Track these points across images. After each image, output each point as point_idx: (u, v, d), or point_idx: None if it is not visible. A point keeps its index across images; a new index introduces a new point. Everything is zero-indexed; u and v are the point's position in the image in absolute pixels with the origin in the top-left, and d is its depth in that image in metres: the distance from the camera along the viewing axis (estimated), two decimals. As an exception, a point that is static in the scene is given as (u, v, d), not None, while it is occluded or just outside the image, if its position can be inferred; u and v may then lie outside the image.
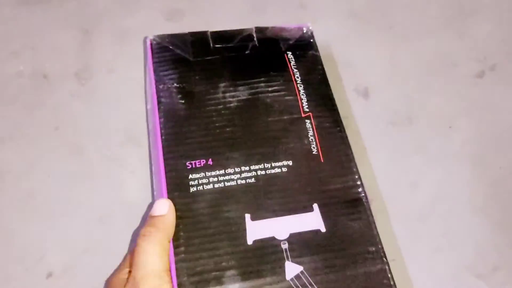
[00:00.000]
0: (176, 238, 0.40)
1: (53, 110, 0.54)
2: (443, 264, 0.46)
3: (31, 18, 0.60)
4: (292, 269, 0.40)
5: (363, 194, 0.44)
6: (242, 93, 0.48)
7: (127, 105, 0.54)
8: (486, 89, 0.56)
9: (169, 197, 0.42)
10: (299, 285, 0.39)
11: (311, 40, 0.53)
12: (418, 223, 0.48)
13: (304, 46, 0.52)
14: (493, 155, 0.52)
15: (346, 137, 0.47)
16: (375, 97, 0.55)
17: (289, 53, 0.51)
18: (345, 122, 0.50)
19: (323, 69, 0.51)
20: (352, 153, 0.46)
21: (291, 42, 0.52)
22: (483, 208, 0.49)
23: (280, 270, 0.39)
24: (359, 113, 0.54)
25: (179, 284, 0.39)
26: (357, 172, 0.45)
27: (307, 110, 0.48)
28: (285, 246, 0.41)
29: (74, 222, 0.48)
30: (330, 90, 0.50)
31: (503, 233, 0.48)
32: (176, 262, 0.39)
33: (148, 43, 0.51)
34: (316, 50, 0.52)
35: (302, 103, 0.48)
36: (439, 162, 0.51)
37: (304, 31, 0.53)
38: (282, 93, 0.49)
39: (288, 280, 0.39)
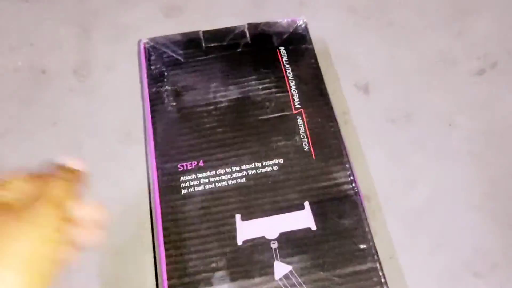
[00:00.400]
0: (167, 240, 0.41)
1: (51, 105, 0.54)
2: (441, 262, 0.46)
3: (30, 14, 0.60)
4: (281, 269, 0.40)
5: (355, 191, 0.43)
6: (233, 93, 0.48)
7: (125, 101, 0.54)
8: (486, 87, 0.55)
9: (161, 200, 0.43)
10: (288, 285, 0.39)
11: (305, 34, 0.52)
12: (416, 221, 0.48)
13: (298, 40, 0.51)
14: (492, 153, 0.51)
15: (339, 132, 0.46)
16: (375, 93, 0.54)
17: (282, 48, 0.51)
18: (344, 118, 0.49)
19: (316, 63, 0.50)
20: (345, 148, 0.46)
21: (284, 36, 0.51)
22: (482, 206, 0.48)
23: (269, 270, 0.40)
24: (359, 109, 0.53)
25: (170, 286, 0.39)
26: (350, 168, 0.44)
27: (299, 106, 0.47)
28: (274, 245, 0.41)
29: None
30: (324, 84, 0.49)
31: (502, 231, 0.47)
32: (167, 264, 0.40)
33: (142, 46, 0.51)
34: (310, 43, 0.51)
35: (293, 99, 0.48)
36: (439, 159, 0.51)
37: (298, 24, 0.52)
38: (273, 90, 0.48)
39: (277, 280, 0.39)
